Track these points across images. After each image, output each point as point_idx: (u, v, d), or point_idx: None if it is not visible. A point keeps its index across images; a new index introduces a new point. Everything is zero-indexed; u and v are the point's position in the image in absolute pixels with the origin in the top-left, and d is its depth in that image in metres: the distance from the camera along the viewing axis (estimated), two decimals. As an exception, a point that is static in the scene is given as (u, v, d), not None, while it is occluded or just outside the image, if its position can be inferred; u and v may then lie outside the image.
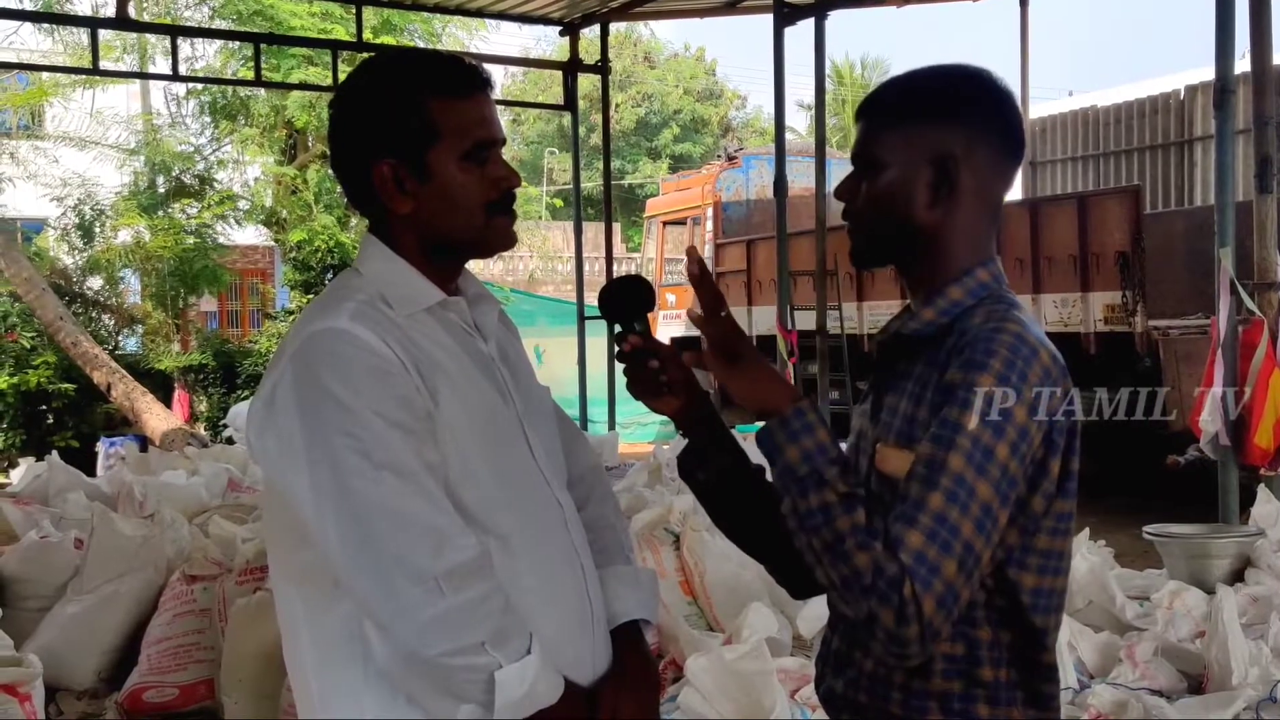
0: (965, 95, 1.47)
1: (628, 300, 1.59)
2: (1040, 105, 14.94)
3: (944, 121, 1.45)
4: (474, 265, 1.72)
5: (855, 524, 1.32)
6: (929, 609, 1.27)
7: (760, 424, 1.42)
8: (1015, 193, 15.20)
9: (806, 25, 9.35)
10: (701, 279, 1.51)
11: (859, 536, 1.31)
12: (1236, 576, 4.93)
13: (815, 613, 4.22)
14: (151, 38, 14.53)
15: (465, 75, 1.59)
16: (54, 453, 7.95)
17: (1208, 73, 7.04)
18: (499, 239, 1.63)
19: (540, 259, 21.71)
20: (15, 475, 10.59)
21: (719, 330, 1.47)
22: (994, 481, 1.32)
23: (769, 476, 1.43)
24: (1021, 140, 1.50)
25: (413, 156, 1.57)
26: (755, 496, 1.62)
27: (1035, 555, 1.40)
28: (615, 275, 1.77)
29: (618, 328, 1.61)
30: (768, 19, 9.56)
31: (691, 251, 1.51)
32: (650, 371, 1.59)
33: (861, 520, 1.33)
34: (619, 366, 1.61)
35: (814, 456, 1.36)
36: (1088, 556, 4.60)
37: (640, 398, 1.61)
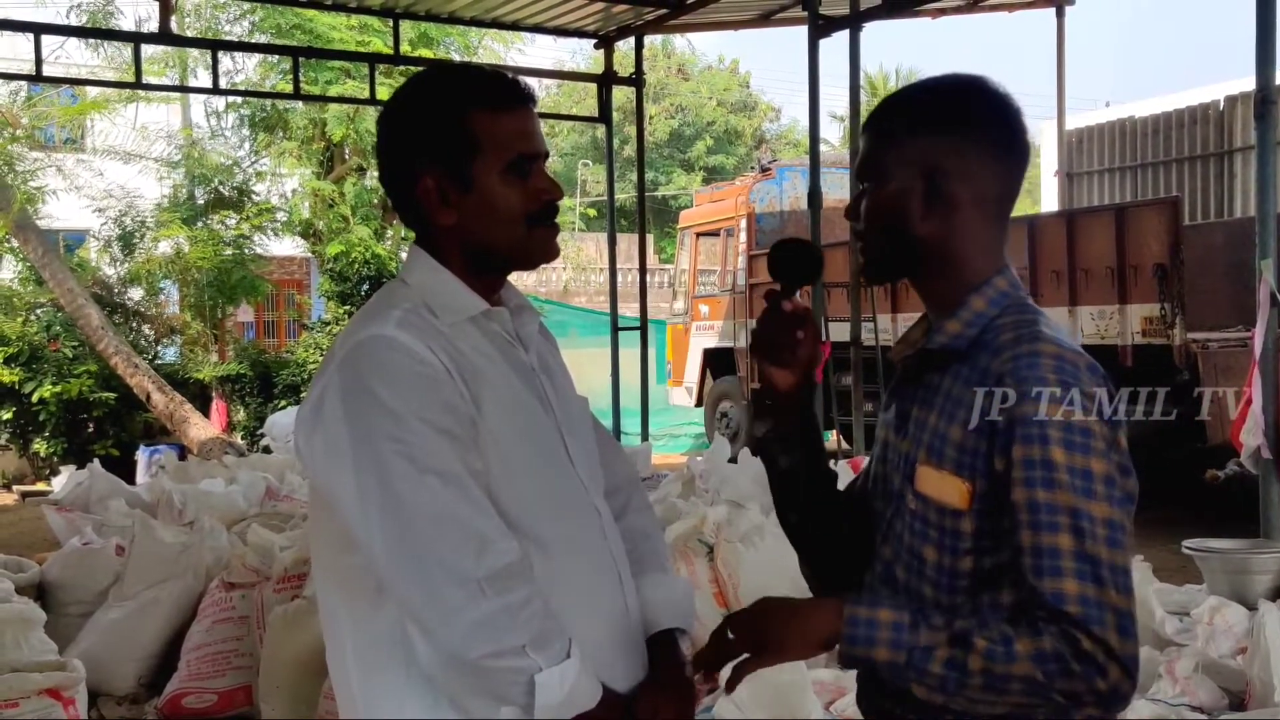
0: (956, 105, 1.46)
1: (800, 263, 1.57)
2: (1077, 116, 14.83)
3: (934, 133, 1.45)
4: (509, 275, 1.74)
5: (985, 652, 1.27)
6: (1115, 643, 1.26)
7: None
8: (1052, 204, 15.07)
9: (841, 37, 9.33)
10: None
11: (998, 656, 1.27)
12: (1279, 593, 4.87)
13: (850, 625, 4.20)
14: (193, 52, 14.72)
15: (507, 89, 1.62)
16: (95, 461, 8.09)
17: (1248, 83, 6.97)
18: (540, 250, 1.65)
19: (574, 270, 21.76)
20: (57, 483, 10.75)
21: (741, 635, 1.43)
22: (1104, 496, 1.31)
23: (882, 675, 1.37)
24: (1022, 145, 1.48)
25: (456, 169, 1.59)
26: (830, 496, 1.62)
27: None
28: (786, 239, 1.74)
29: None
30: (802, 31, 9.55)
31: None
32: (790, 339, 1.55)
33: (985, 644, 1.27)
34: (748, 326, 1.60)
35: (899, 640, 1.31)
36: (1126, 571, 4.55)
37: (765, 359, 1.57)
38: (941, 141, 1.44)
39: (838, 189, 11.69)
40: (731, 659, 1.44)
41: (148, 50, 12.80)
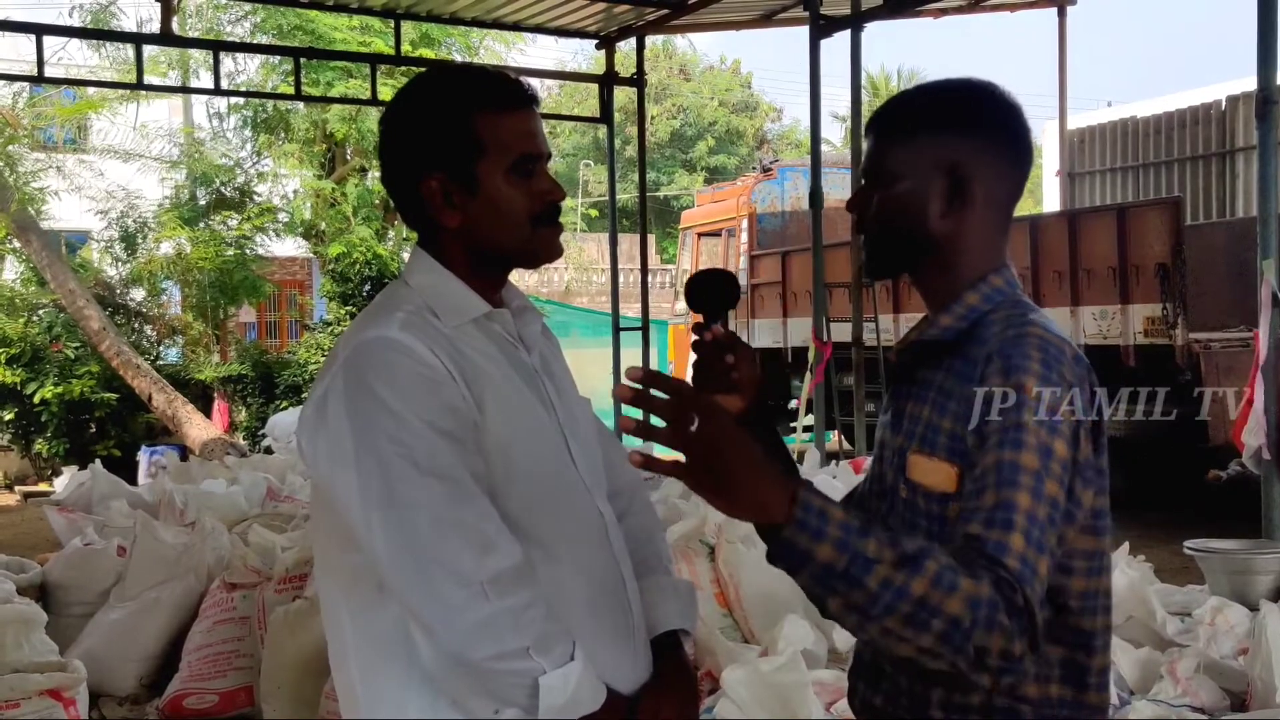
0: (974, 107, 1.49)
1: (714, 293, 1.59)
2: (1079, 116, 14.82)
3: (954, 132, 1.47)
4: (510, 275, 1.74)
5: (933, 576, 1.21)
6: (1037, 611, 1.24)
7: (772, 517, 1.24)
8: (1053, 204, 15.02)
9: (842, 37, 9.34)
10: (654, 383, 1.25)
11: (943, 582, 1.21)
12: (1280, 593, 4.87)
13: (851, 626, 4.19)
14: (195, 53, 14.73)
15: (510, 90, 1.62)
16: (97, 461, 8.10)
17: (1249, 83, 6.97)
18: (546, 250, 1.66)
19: (575, 270, 21.77)
20: (59, 484, 10.76)
21: (694, 447, 1.23)
22: (1057, 478, 1.32)
23: (802, 579, 1.26)
24: (1029, 151, 1.52)
25: (460, 171, 1.60)
26: None
27: (1080, 557, 1.40)
28: (698, 271, 1.77)
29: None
30: (803, 31, 9.56)
31: (631, 372, 1.30)
32: (724, 366, 1.58)
33: (935, 568, 1.21)
34: (692, 357, 1.61)
35: (846, 542, 1.21)
36: (1128, 571, 4.55)
37: (706, 391, 1.59)
38: (964, 141, 1.46)
39: (839, 189, 11.69)
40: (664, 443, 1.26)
41: (149, 50, 12.81)
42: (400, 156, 1.64)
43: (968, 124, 1.47)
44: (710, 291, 1.60)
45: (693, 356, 1.60)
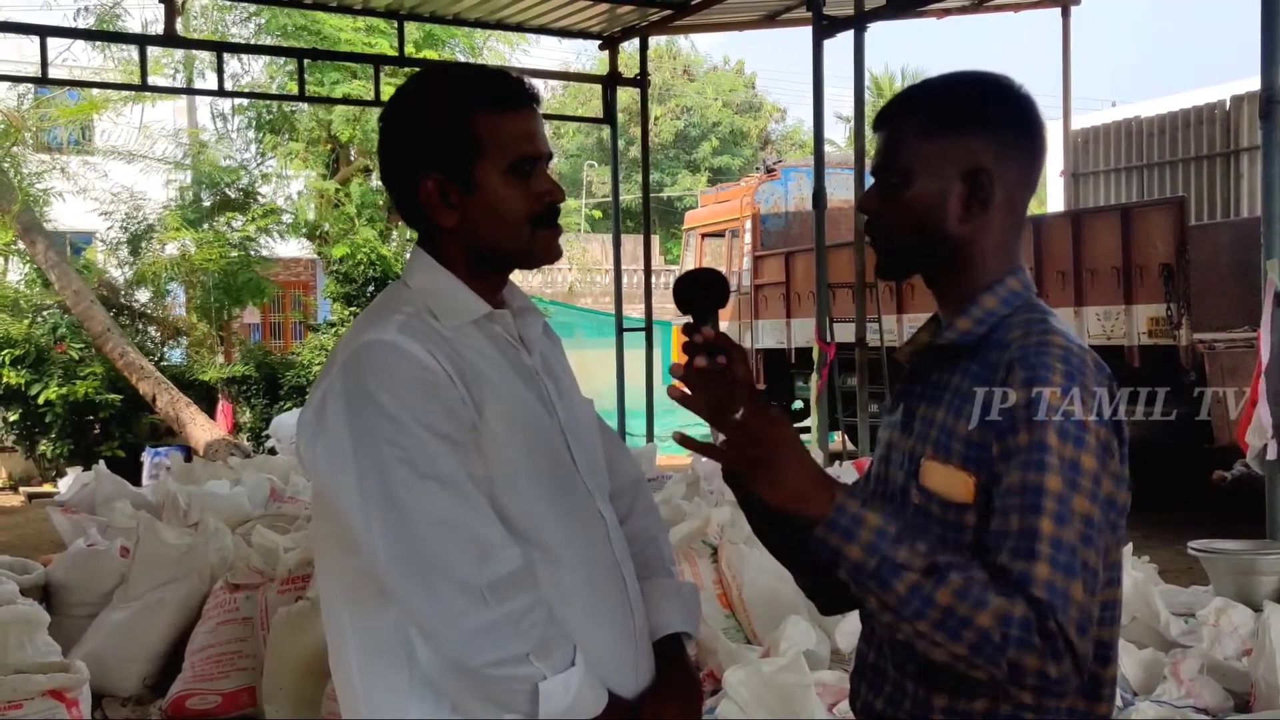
0: (993, 105, 1.45)
1: (704, 293, 1.57)
2: (1083, 116, 14.79)
3: (974, 133, 1.43)
4: (513, 276, 1.73)
5: (957, 589, 1.26)
6: (1074, 636, 1.24)
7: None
8: (1057, 204, 14.97)
9: (846, 37, 9.33)
10: (720, 369, 1.39)
11: (970, 597, 1.26)
12: (1284, 594, 4.85)
13: (853, 627, 4.18)
14: (199, 54, 14.74)
15: (510, 89, 1.61)
16: (101, 462, 8.09)
17: (1254, 83, 6.96)
18: (544, 251, 1.64)
19: (579, 271, 21.75)
20: (63, 484, 10.77)
21: (739, 434, 1.36)
22: (1088, 493, 1.30)
23: (841, 575, 1.34)
24: (1044, 148, 1.49)
25: (457, 170, 1.58)
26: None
27: (1107, 569, 1.38)
28: (686, 272, 1.73)
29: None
30: (807, 31, 9.56)
31: (688, 343, 1.41)
32: (716, 366, 1.56)
33: (960, 583, 1.27)
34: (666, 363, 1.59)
35: (877, 545, 1.30)
36: (1131, 572, 4.55)
37: (701, 394, 1.58)
38: (985, 142, 1.43)
39: (843, 190, 11.68)
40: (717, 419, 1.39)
41: (154, 51, 12.83)
42: (398, 156, 1.63)
43: (988, 123, 1.44)
44: (699, 292, 1.58)
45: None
